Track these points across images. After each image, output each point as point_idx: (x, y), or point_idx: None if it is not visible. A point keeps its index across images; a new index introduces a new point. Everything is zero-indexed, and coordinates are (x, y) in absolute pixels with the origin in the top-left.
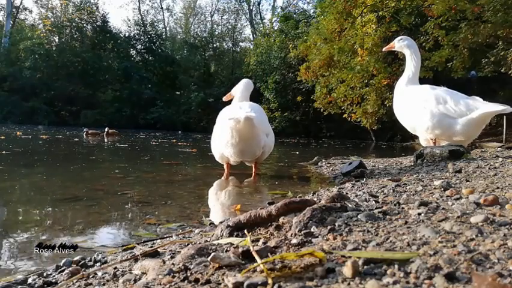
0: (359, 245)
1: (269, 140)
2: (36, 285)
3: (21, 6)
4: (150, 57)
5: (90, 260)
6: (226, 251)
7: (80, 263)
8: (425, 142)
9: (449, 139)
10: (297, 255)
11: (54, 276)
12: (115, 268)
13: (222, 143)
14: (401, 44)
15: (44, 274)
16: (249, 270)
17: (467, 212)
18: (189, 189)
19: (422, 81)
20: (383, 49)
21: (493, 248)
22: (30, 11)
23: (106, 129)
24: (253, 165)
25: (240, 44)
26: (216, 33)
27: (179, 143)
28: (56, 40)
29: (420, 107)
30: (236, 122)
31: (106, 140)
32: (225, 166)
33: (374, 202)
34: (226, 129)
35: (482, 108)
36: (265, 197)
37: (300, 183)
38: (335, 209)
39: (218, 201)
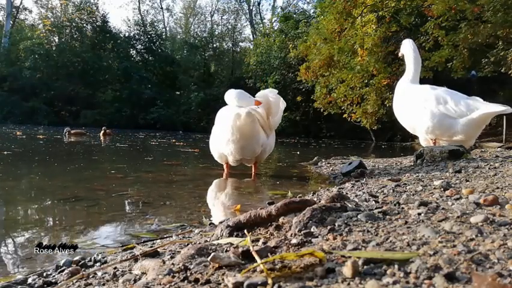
0: (358, 245)
1: (269, 140)
2: (36, 285)
3: (21, 6)
4: (150, 57)
5: (90, 260)
6: (226, 251)
7: (80, 263)
8: (425, 142)
9: (449, 139)
10: (297, 255)
11: (54, 276)
12: (115, 268)
13: (222, 140)
14: (402, 47)
15: (44, 274)
16: (249, 270)
17: (467, 212)
18: (189, 189)
19: (422, 81)
20: (399, 54)
21: (493, 248)
22: (30, 11)
23: (103, 129)
24: (252, 165)
25: (240, 44)
26: (216, 33)
27: (179, 143)
28: (56, 40)
29: (421, 107)
30: (237, 117)
31: (102, 140)
32: (225, 166)
33: (373, 202)
34: (227, 126)
35: (483, 108)
36: (265, 197)
37: (300, 183)
38: (334, 209)
39: (218, 201)
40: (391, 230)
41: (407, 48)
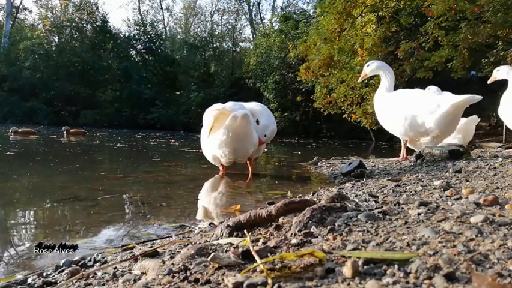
0: (358, 245)
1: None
2: (36, 285)
3: (21, 6)
4: (150, 57)
5: (90, 260)
6: (226, 251)
7: (80, 263)
8: (413, 144)
9: (426, 137)
10: (296, 255)
11: (54, 276)
12: (115, 268)
13: (215, 143)
14: (371, 68)
15: (44, 274)
16: (249, 270)
17: (467, 212)
18: (189, 190)
19: (422, 81)
20: (358, 80)
21: (493, 248)
22: (30, 11)
23: (65, 128)
24: (248, 163)
25: (240, 44)
26: (216, 33)
27: (179, 143)
28: (56, 40)
29: (394, 112)
30: (233, 119)
31: (65, 139)
32: (221, 168)
33: (373, 202)
34: (219, 129)
35: (450, 100)
36: (265, 197)
37: (300, 183)
38: (334, 209)
39: (218, 201)
40: (391, 230)
41: (377, 68)
